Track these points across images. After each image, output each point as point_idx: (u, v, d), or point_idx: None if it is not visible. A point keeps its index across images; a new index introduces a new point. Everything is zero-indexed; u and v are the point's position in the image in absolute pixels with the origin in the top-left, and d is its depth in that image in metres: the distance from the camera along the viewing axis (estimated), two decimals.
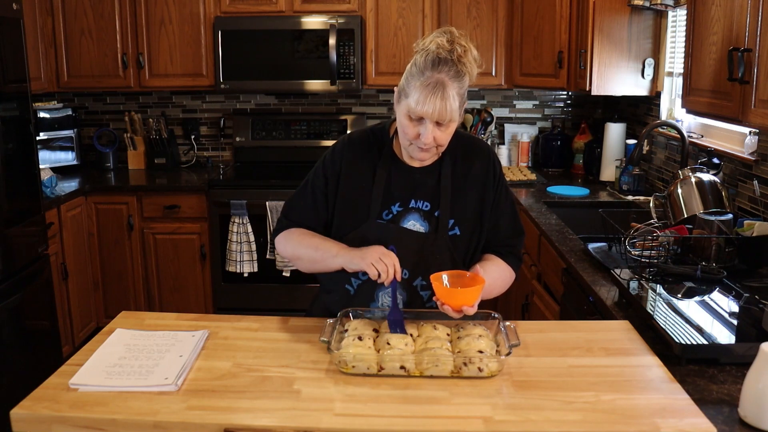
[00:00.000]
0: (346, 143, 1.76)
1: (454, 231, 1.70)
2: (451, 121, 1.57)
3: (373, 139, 1.75)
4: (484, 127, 4.21)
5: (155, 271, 3.96)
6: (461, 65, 1.54)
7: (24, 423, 1.29)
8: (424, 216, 1.70)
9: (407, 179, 1.71)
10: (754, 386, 1.25)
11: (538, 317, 2.83)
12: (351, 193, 1.71)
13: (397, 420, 1.26)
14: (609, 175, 3.76)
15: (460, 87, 1.56)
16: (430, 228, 1.69)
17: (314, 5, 3.98)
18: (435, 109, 1.52)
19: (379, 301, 1.71)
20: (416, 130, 1.58)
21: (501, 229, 1.76)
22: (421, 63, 1.55)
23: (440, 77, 1.53)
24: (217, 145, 4.50)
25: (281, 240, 1.77)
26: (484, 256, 1.77)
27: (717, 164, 2.60)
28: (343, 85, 3.98)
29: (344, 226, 1.70)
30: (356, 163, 1.72)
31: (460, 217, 1.70)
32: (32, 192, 3.18)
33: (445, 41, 1.55)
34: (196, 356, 1.50)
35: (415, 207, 1.70)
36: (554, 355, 1.52)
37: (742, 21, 1.94)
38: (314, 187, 1.75)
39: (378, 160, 1.72)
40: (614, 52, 3.37)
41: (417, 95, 1.53)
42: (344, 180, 1.72)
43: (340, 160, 1.73)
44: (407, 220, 1.69)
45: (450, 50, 1.54)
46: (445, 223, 1.68)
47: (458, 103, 1.56)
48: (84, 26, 4.02)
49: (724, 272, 1.96)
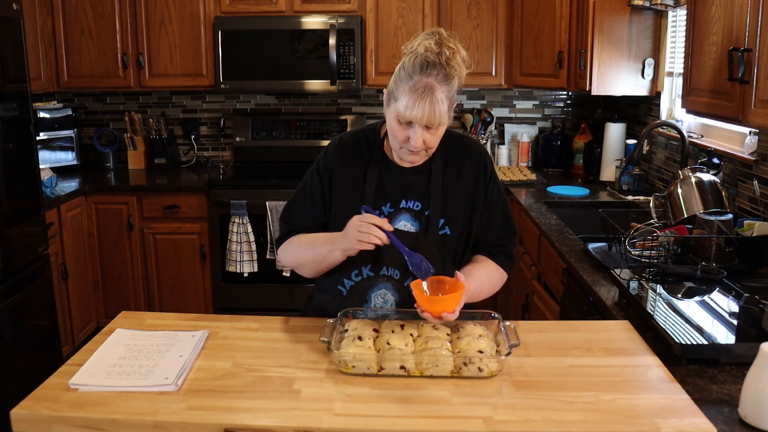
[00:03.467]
0: (336, 145, 1.76)
1: (444, 230, 1.69)
2: (441, 124, 1.57)
3: (364, 140, 1.75)
4: (484, 127, 4.21)
5: (155, 271, 3.96)
6: (450, 68, 1.54)
7: (24, 423, 1.28)
8: (414, 216, 1.69)
9: (398, 179, 1.71)
10: (754, 386, 1.25)
11: (538, 317, 2.83)
12: (343, 194, 1.72)
13: (397, 420, 1.26)
14: (609, 175, 3.76)
15: (449, 90, 1.55)
16: (421, 228, 1.69)
17: (314, 5, 3.98)
18: (424, 114, 1.52)
19: (372, 302, 1.71)
20: (406, 134, 1.57)
21: (492, 228, 1.76)
22: (409, 66, 1.55)
23: (429, 81, 1.52)
24: (217, 145, 4.50)
25: (282, 253, 1.78)
26: (474, 258, 1.77)
27: (717, 164, 2.60)
28: (343, 85, 3.98)
29: (337, 227, 1.69)
30: (347, 164, 1.73)
31: (451, 217, 1.70)
32: (32, 192, 3.18)
33: (433, 44, 1.54)
34: (196, 356, 1.50)
35: (406, 207, 1.70)
36: (554, 355, 1.52)
37: (742, 21, 1.94)
38: (311, 189, 1.76)
39: (369, 160, 1.72)
40: (614, 52, 3.38)
41: (406, 100, 1.53)
42: (336, 181, 1.73)
43: (332, 162, 1.74)
44: (398, 220, 1.69)
45: (438, 53, 1.53)
46: (435, 222, 1.68)
47: (447, 105, 1.55)
48: (84, 26, 4.02)
49: (724, 272, 1.96)
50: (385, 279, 1.69)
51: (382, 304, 1.70)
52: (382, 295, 1.70)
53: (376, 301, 1.71)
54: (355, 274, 1.71)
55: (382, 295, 1.70)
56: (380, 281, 1.70)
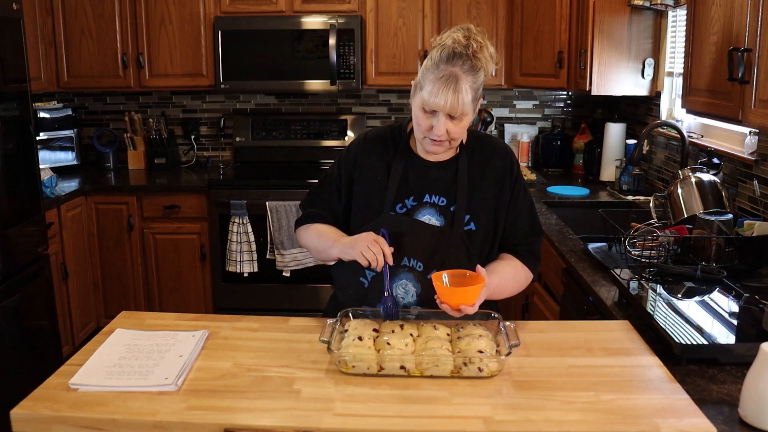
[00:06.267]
0: (361, 139, 1.81)
1: (469, 226, 1.71)
2: (464, 114, 1.59)
3: (389, 135, 1.79)
4: (484, 127, 4.21)
5: (155, 271, 3.96)
6: (476, 60, 1.56)
7: (24, 423, 1.29)
8: (439, 211, 1.71)
9: (423, 174, 1.73)
10: (754, 386, 1.25)
11: (538, 317, 2.83)
12: (366, 186, 1.75)
13: (397, 420, 1.26)
14: (609, 175, 3.76)
15: (474, 81, 1.57)
16: (446, 222, 1.70)
17: (314, 5, 3.98)
18: (447, 102, 1.54)
19: (393, 293, 1.71)
20: (429, 122, 1.60)
21: (519, 227, 1.77)
22: (436, 57, 1.58)
23: (454, 70, 1.55)
24: (217, 145, 4.50)
25: (301, 232, 1.87)
26: (500, 255, 1.78)
27: (717, 164, 2.60)
28: (343, 85, 3.98)
29: (359, 218, 1.73)
30: (371, 158, 1.76)
31: (476, 213, 1.71)
32: (32, 192, 3.18)
33: (461, 36, 1.57)
34: (196, 356, 1.50)
35: (430, 202, 1.71)
36: (554, 355, 1.52)
37: (742, 21, 1.94)
38: (330, 180, 1.82)
39: (394, 154, 1.74)
40: (614, 52, 3.37)
41: (431, 87, 1.56)
42: (358, 174, 1.75)
43: (354, 156, 1.78)
44: (422, 214, 1.71)
45: (466, 45, 1.56)
46: (460, 217, 1.69)
47: (471, 96, 1.57)
48: (84, 26, 4.02)
49: (724, 272, 1.96)
50: (407, 270, 1.70)
51: (404, 295, 1.70)
52: (404, 286, 1.71)
53: (397, 291, 1.71)
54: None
55: (404, 286, 1.71)
56: (402, 272, 1.70)
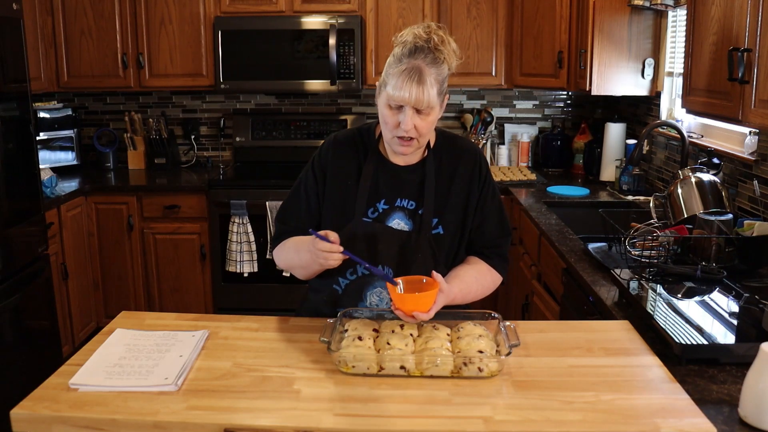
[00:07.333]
0: (331, 142, 1.77)
1: (437, 230, 1.70)
2: (430, 107, 1.57)
3: (359, 138, 1.75)
4: (484, 127, 4.21)
5: (155, 271, 3.96)
6: (438, 53, 1.56)
7: (24, 423, 1.29)
8: (408, 215, 1.70)
9: (393, 178, 1.71)
10: (754, 386, 1.25)
11: (538, 317, 2.83)
12: (337, 191, 1.72)
13: (397, 420, 1.26)
14: (609, 175, 3.76)
15: (438, 74, 1.57)
16: (414, 226, 1.69)
17: (314, 5, 3.98)
18: (412, 94, 1.53)
19: (367, 300, 1.71)
20: (396, 119, 1.58)
21: (486, 229, 1.76)
22: (398, 53, 1.58)
23: (417, 63, 1.55)
24: (217, 145, 4.50)
25: (276, 255, 1.80)
26: (467, 259, 1.77)
27: (717, 164, 2.60)
28: (343, 85, 3.98)
29: (331, 224, 1.69)
30: (342, 162, 1.73)
31: (444, 217, 1.70)
32: (32, 192, 3.18)
33: (422, 31, 1.57)
34: (196, 356, 1.50)
35: (401, 206, 1.70)
36: (554, 355, 1.52)
37: (742, 21, 1.94)
38: (306, 187, 1.76)
39: (364, 158, 1.72)
40: (614, 52, 3.38)
41: (395, 81, 1.55)
42: (330, 178, 1.73)
43: (326, 159, 1.74)
44: (392, 218, 1.70)
45: (427, 39, 1.56)
46: (428, 221, 1.68)
47: (436, 89, 1.56)
48: (84, 26, 4.02)
49: (724, 272, 1.96)
50: (381, 277, 1.69)
51: (378, 302, 1.70)
52: (378, 294, 1.70)
53: (371, 299, 1.71)
54: (350, 273, 1.71)
55: (378, 294, 1.70)
56: (376, 279, 1.70)
